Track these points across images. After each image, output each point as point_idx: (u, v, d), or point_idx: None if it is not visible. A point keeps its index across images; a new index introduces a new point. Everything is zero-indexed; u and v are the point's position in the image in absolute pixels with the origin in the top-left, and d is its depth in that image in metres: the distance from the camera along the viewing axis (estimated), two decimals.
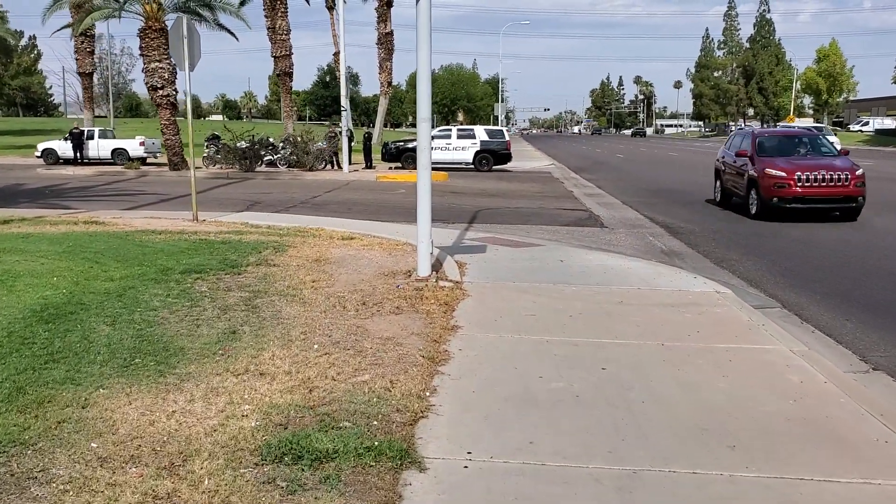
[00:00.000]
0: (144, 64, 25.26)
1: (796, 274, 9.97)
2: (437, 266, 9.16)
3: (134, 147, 34.47)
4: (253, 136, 32.24)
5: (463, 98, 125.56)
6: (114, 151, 34.56)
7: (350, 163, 34.26)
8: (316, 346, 5.62)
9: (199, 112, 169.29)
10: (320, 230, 12.02)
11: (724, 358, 5.71)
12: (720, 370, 5.43)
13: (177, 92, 25.46)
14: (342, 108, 27.76)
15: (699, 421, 4.48)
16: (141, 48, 25.34)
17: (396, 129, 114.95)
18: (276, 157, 30.59)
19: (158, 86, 24.76)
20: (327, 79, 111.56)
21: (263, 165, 30.48)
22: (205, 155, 30.27)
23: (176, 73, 25.15)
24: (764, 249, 11.86)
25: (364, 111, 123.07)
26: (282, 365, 5.17)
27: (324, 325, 6.23)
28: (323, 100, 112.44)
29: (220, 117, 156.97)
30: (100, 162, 34.08)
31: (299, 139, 28.06)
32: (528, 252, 10.87)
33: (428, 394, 4.77)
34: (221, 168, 26.85)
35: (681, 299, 7.72)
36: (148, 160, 34.88)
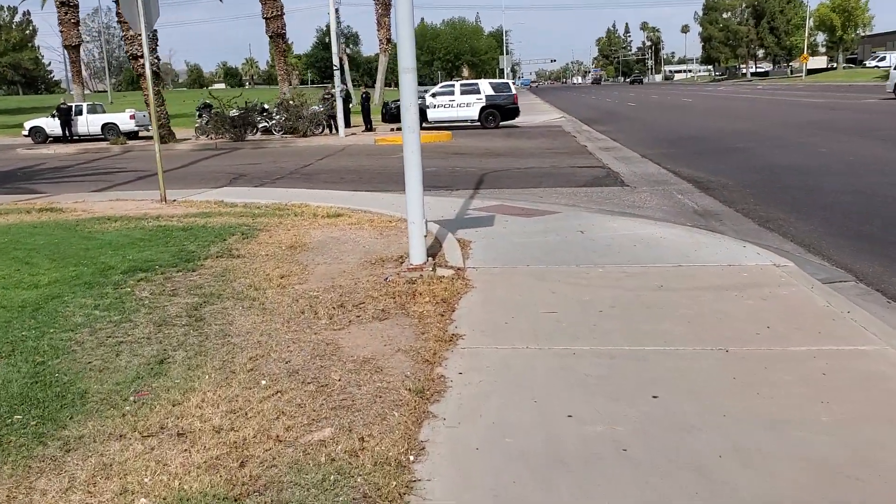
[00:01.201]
0: (123, 31, 23.62)
1: (861, 234, 8.44)
2: (435, 247, 7.71)
3: (124, 121, 32.94)
4: (247, 101, 30.73)
5: (467, 52, 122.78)
6: (104, 126, 33.06)
7: (348, 126, 32.64)
8: (264, 381, 4.19)
9: (201, 81, 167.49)
10: (304, 206, 10.56)
11: (814, 370, 4.25)
12: (815, 391, 3.97)
13: (160, 60, 23.83)
14: (335, 67, 26.05)
15: (813, 491, 3.04)
16: (118, 14, 23.68)
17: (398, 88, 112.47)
18: (270, 123, 29.05)
19: (139, 54, 23.12)
20: (326, 40, 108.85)
21: (259, 133, 28.98)
22: (197, 125, 28.78)
23: (157, 39, 23.54)
24: (814, 205, 10.30)
25: (366, 71, 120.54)
26: (212, 416, 3.76)
27: (283, 344, 4.81)
28: (323, 62, 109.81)
29: (222, 85, 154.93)
30: (90, 138, 32.60)
31: (291, 103, 26.42)
32: (542, 222, 9.38)
33: (412, 457, 3.35)
34: (211, 138, 25.32)
35: (734, 278, 6.24)
36: (140, 133, 33.39)
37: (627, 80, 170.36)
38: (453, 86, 31.38)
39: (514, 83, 34.91)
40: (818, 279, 6.42)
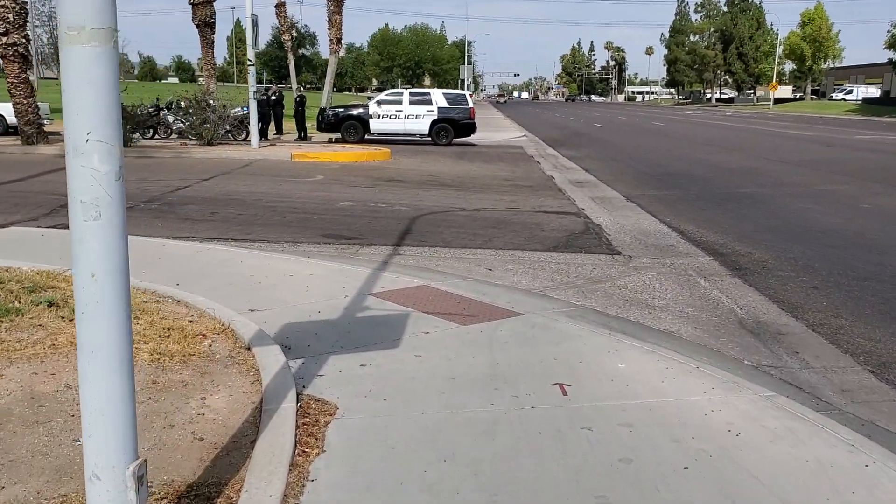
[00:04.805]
0: None
1: None
2: (244, 434, 3.39)
3: (11, 112, 27.93)
4: (157, 98, 26.17)
5: (429, 60, 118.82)
6: None
7: (280, 132, 28.19)
8: None
9: (154, 74, 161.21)
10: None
11: None
12: None
13: (28, 39, 18.98)
14: (248, 62, 21.51)
15: None
16: None
17: (361, 94, 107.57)
18: (186, 125, 24.45)
19: (0, 31, 18.35)
20: (283, 38, 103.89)
21: (174, 136, 24.37)
22: None
23: (26, 14, 18.72)
24: None
25: (323, 73, 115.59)
26: None
27: None
28: (278, 60, 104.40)
29: (175, 79, 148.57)
30: None
31: (195, 103, 21.71)
32: (487, 345, 5.15)
33: None
34: None
35: None
36: (42, 126, 28.34)
37: (563, 97, 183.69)
38: (402, 94, 27.14)
39: (470, 94, 30.77)
40: None
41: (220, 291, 6.27)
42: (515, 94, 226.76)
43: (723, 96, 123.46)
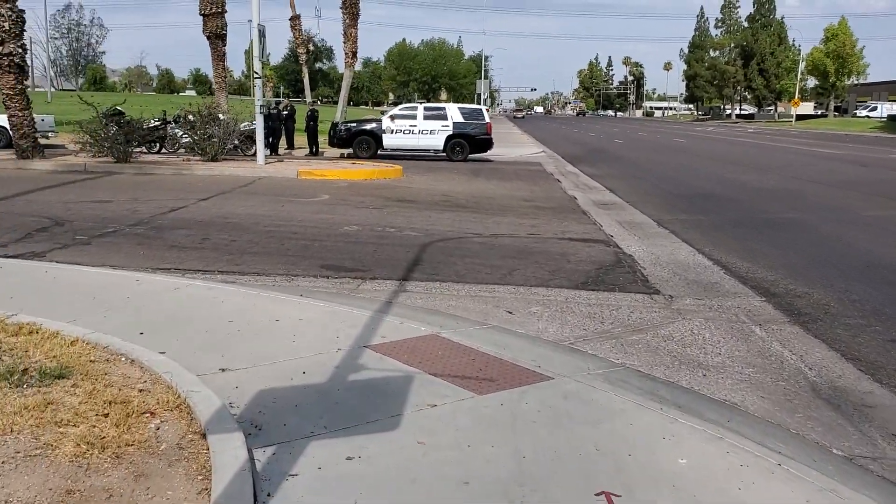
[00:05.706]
0: None
1: None
2: None
3: None
4: (164, 112, 25.35)
5: (445, 75, 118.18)
6: None
7: (291, 147, 27.38)
8: None
9: (171, 86, 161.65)
10: (30, 331, 5.11)
11: None
12: None
13: (25, 50, 18.15)
14: (255, 75, 20.56)
15: None
16: None
17: (377, 108, 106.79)
18: (193, 139, 23.56)
19: None
20: (298, 51, 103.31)
21: (182, 150, 23.49)
22: (101, 136, 23.09)
23: (23, 22, 17.86)
24: None
25: (340, 87, 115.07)
26: None
27: None
28: (294, 74, 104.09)
29: (192, 92, 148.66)
30: None
31: (195, 117, 20.70)
32: (510, 428, 4.13)
33: None
34: (94, 156, 19.63)
35: None
36: (38, 140, 27.51)
37: (574, 112, 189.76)
38: (416, 108, 26.16)
39: (487, 109, 29.79)
40: None
41: (190, 343, 5.25)
42: (536, 108, 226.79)
43: (743, 112, 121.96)
